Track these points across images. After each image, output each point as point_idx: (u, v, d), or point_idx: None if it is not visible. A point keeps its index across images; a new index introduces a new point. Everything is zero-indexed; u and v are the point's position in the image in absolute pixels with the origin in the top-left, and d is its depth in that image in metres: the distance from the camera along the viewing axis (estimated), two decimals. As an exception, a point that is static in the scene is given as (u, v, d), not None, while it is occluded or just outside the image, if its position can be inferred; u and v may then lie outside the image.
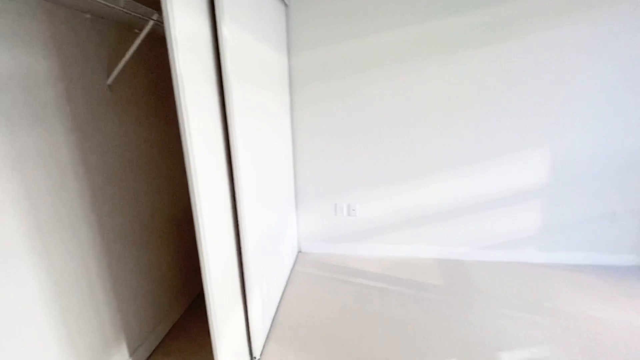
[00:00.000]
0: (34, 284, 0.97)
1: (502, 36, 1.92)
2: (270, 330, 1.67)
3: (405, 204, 2.29)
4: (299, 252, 2.51)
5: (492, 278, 2.08)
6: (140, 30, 1.37)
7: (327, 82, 2.13)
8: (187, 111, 0.89)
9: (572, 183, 2.09)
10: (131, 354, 1.42)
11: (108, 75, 1.25)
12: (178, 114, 0.89)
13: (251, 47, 1.36)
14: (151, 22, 1.16)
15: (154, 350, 1.58)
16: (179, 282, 1.82)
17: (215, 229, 1.09)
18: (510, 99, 2.00)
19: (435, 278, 2.10)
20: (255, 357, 1.47)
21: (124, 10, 1.08)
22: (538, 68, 1.93)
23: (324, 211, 2.40)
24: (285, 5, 2.01)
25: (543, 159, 2.08)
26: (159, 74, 1.60)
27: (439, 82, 2.03)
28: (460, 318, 1.72)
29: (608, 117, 1.96)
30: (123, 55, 1.29)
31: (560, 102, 1.97)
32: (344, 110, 2.17)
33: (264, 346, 1.56)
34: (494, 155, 2.11)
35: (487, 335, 1.59)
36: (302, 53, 2.11)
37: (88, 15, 1.14)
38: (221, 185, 1.16)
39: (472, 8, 1.90)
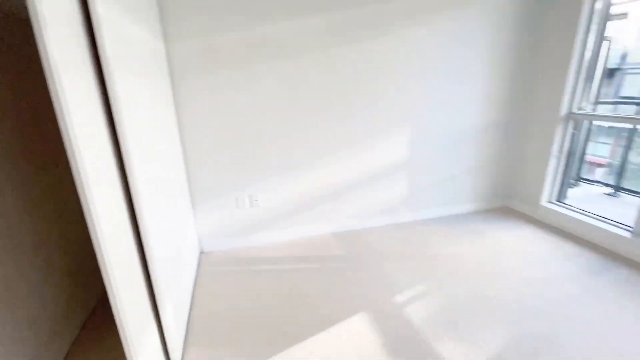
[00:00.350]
0: None
1: (372, 33, 2.24)
2: (186, 337, 1.58)
3: (301, 188, 2.46)
4: (202, 252, 2.39)
5: (380, 239, 2.49)
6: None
7: (214, 73, 2.05)
8: (66, 105, 0.75)
9: (426, 155, 2.67)
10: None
11: None
12: (55, 108, 0.74)
13: (131, 30, 1.20)
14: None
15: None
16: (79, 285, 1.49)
17: (116, 242, 0.96)
18: (382, 88, 2.37)
19: (336, 249, 2.36)
20: (175, 369, 1.37)
21: None
22: (402, 62, 2.35)
23: (224, 206, 2.34)
24: (156, -16, 1.81)
25: (406, 138, 2.56)
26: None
27: (321, 72, 2.23)
28: (361, 277, 2.01)
29: (446, 105, 2.56)
30: None
31: (416, 92, 2.46)
32: (234, 102, 2.13)
33: (182, 355, 1.47)
34: (370, 137, 2.47)
35: (383, 286, 1.92)
36: (183, 41, 1.94)
37: None
38: (114, 187, 1.01)
39: (351, 6, 2.13)
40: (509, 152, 2.90)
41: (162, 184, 1.48)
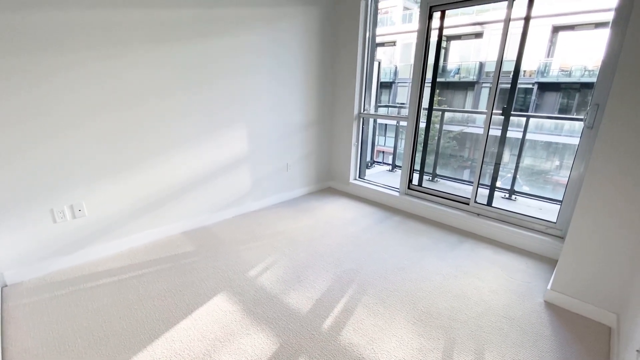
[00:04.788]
0: None
1: (205, 33, 2.35)
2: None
3: (139, 189, 2.33)
4: (4, 286, 1.89)
5: (230, 230, 2.68)
6: None
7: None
8: None
9: (263, 148, 3.04)
10: None
11: None
12: None
13: None
14: None
15: None
16: None
17: None
18: (219, 87, 2.53)
19: (188, 246, 2.39)
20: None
21: None
22: (237, 63, 2.57)
23: (35, 223, 1.93)
24: None
25: (244, 134, 2.84)
26: None
27: (152, 67, 2.18)
28: (214, 265, 2.16)
29: (277, 105, 2.99)
30: None
31: (251, 93, 2.75)
32: (44, 93, 1.80)
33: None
34: (211, 132, 2.61)
35: (236, 267, 2.14)
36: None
37: None
38: None
39: (186, 6, 2.16)
40: (326, 143, 3.67)
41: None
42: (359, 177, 3.73)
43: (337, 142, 3.68)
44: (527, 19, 2.34)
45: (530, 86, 9.50)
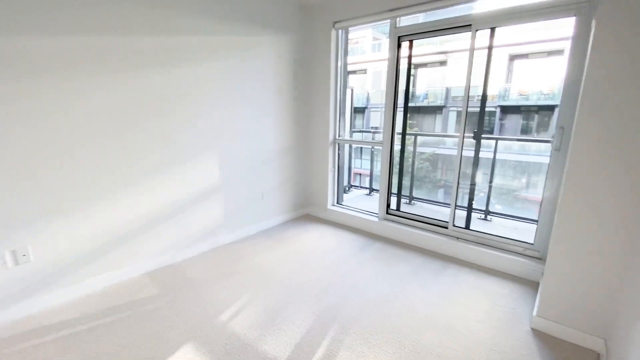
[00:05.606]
0: None
1: (175, 62, 2.26)
2: None
3: (97, 228, 2.11)
4: None
5: (200, 267, 2.47)
6: None
7: None
8: None
9: (235, 178, 2.90)
10: None
11: None
12: None
13: None
14: None
15: None
16: None
17: None
18: (189, 117, 2.41)
19: (151, 290, 2.16)
20: None
21: None
22: (210, 93, 2.47)
23: (-34, 273, 1.67)
24: None
25: (215, 164, 2.70)
26: None
27: (121, 98, 2.04)
28: (180, 310, 1.94)
29: (250, 134, 2.90)
30: None
31: (224, 122, 2.65)
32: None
33: None
34: (180, 164, 2.45)
35: (206, 311, 1.94)
36: None
37: None
38: None
39: (154, 32, 2.07)
40: (303, 170, 3.59)
41: None
42: (337, 203, 3.65)
43: (313, 168, 3.61)
44: (489, 48, 2.45)
45: (493, 109, 10.12)
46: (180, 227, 2.55)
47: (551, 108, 9.39)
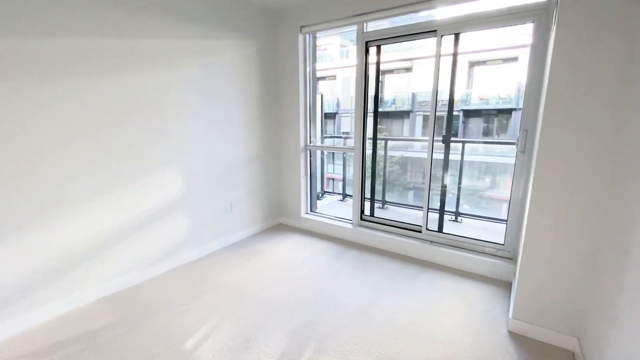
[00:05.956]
0: None
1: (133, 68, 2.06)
2: None
3: (45, 251, 1.86)
4: None
5: (163, 289, 2.26)
6: None
7: None
8: None
9: (200, 190, 2.72)
10: None
11: None
12: None
13: None
14: None
15: None
16: None
17: None
18: (147, 125, 2.22)
19: (107, 317, 1.94)
20: None
21: None
22: (169, 98, 2.29)
23: None
24: None
25: (177, 176, 2.51)
26: None
27: (64, 108, 1.82)
28: (142, 339, 1.75)
29: (218, 138, 2.74)
30: None
31: (185, 128, 2.47)
32: None
33: None
34: (139, 178, 2.25)
35: (170, 339, 1.75)
36: None
37: None
38: None
39: (105, 35, 1.87)
40: (274, 178, 3.47)
41: None
42: (310, 211, 3.56)
43: (285, 176, 3.50)
44: (454, 55, 2.50)
45: (457, 113, 10.58)
46: (140, 245, 2.33)
47: (509, 111, 9.99)
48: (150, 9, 2.18)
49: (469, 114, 10.73)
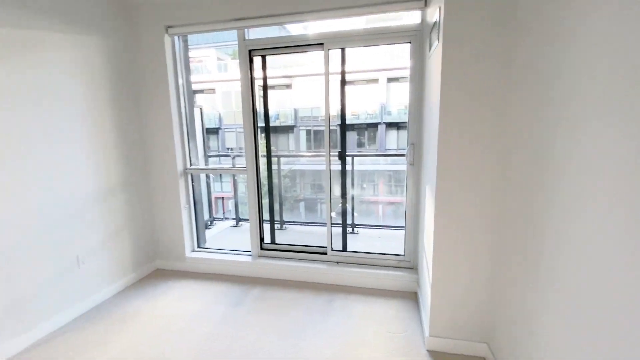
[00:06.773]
0: None
1: None
2: None
3: None
4: None
5: None
6: None
7: None
8: None
9: (28, 241, 1.84)
10: None
11: None
12: None
13: None
14: None
15: None
16: None
17: None
18: None
19: None
20: None
21: None
22: None
23: None
24: None
25: (-27, 230, 1.61)
26: None
27: None
28: None
29: (53, 168, 1.90)
30: None
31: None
32: None
33: None
34: None
35: None
36: None
37: None
38: None
39: None
40: (143, 213, 2.73)
41: None
42: (198, 247, 2.95)
43: (160, 208, 2.81)
44: (342, 73, 2.49)
45: (334, 127, 11.49)
46: None
47: (375, 125, 11.40)
48: None
49: (344, 128, 11.86)
